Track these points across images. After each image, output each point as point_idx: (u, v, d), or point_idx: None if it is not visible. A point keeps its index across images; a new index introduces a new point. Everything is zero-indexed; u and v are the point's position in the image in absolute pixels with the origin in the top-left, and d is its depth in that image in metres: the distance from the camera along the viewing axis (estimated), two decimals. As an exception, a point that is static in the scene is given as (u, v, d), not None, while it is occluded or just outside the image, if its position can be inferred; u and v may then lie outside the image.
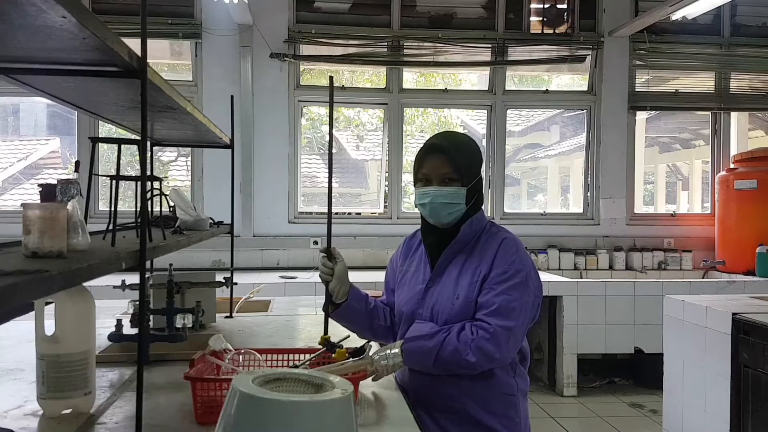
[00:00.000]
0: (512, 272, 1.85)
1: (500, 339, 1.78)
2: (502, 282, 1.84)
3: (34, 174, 6.56)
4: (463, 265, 1.92)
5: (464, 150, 1.95)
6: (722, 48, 6.58)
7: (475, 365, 1.78)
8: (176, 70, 6.29)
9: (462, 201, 1.91)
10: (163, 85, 1.60)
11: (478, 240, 1.95)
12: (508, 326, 1.79)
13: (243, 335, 2.74)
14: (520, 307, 1.83)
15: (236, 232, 3.58)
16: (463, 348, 1.78)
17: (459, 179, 1.91)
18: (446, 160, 1.91)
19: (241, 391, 1.05)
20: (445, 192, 1.90)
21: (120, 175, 1.60)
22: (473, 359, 1.77)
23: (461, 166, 1.91)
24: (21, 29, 1.10)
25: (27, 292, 0.89)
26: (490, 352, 1.77)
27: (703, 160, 7.25)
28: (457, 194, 1.90)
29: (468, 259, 1.93)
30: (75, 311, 1.66)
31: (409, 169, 6.44)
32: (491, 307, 1.81)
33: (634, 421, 4.71)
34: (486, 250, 1.91)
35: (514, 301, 1.82)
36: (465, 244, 1.95)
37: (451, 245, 1.95)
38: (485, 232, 1.97)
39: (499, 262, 1.86)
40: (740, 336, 3.12)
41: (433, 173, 1.92)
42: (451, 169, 1.90)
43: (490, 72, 6.39)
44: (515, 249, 1.90)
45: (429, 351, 1.81)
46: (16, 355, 2.33)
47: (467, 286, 1.88)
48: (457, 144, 1.96)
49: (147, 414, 1.52)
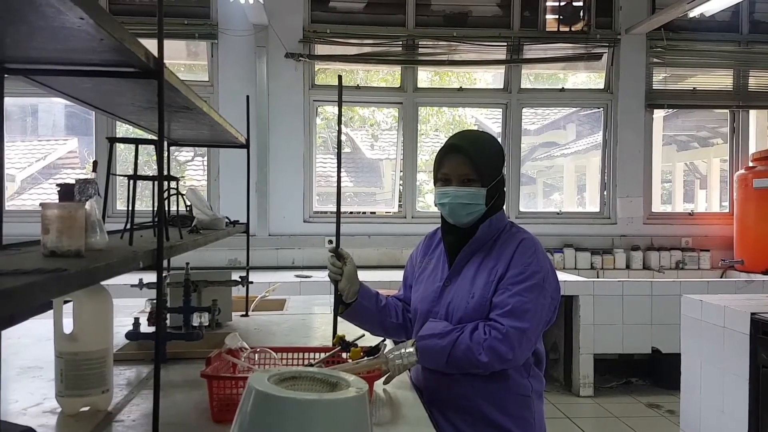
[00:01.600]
0: (529, 273, 1.83)
1: (513, 340, 1.76)
2: (518, 283, 1.82)
3: (53, 174, 6.63)
4: (480, 265, 1.91)
5: (484, 150, 1.93)
6: (740, 45, 6.51)
7: (487, 365, 1.77)
8: (192, 71, 6.33)
9: (481, 201, 1.90)
10: (179, 85, 1.61)
11: (497, 240, 1.94)
12: (522, 328, 1.77)
13: (259, 334, 2.75)
14: (535, 308, 1.81)
15: (252, 231, 3.60)
16: (476, 347, 1.77)
17: (479, 180, 1.89)
18: (466, 161, 1.89)
19: (256, 389, 1.05)
20: (465, 193, 1.89)
21: (137, 175, 1.61)
22: (485, 359, 1.76)
23: (481, 166, 1.89)
24: (40, 31, 1.11)
25: (46, 291, 0.90)
26: (502, 353, 1.75)
27: (722, 158, 7.18)
28: (477, 195, 1.89)
29: (485, 258, 1.91)
30: (93, 310, 1.67)
31: (424, 168, 6.44)
32: (505, 308, 1.79)
33: (651, 421, 4.67)
34: (504, 250, 1.89)
35: (529, 302, 1.80)
36: (483, 243, 1.94)
37: (469, 244, 1.93)
38: (504, 232, 1.96)
39: (515, 263, 1.85)
40: (759, 336, 3.09)
41: (453, 173, 1.91)
42: (471, 170, 1.89)
43: (505, 70, 6.36)
44: (533, 250, 1.88)
45: (442, 349, 1.80)
46: (35, 353, 2.36)
47: (483, 285, 1.87)
48: (478, 144, 1.94)
49: (164, 412, 1.54)
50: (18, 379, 2.04)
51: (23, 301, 0.83)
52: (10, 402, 1.81)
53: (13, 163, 6.50)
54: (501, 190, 1.96)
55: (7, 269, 0.94)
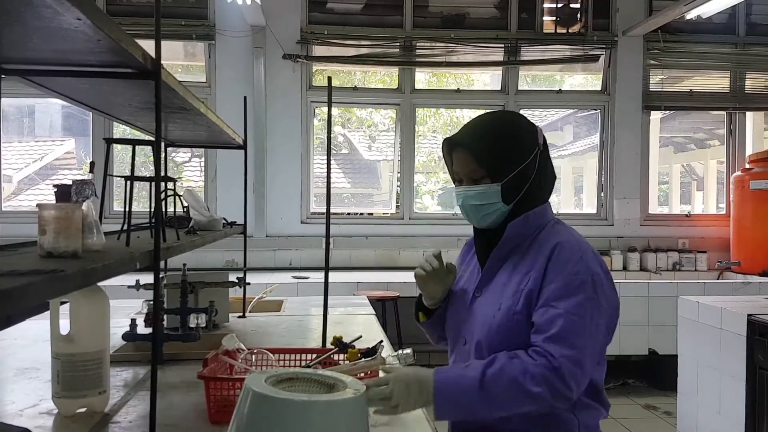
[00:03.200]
0: (577, 284, 1.47)
1: (566, 373, 1.39)
2: (564, 297, 1.46)
3: (50, 175, 6.62)
4: (513, 270, 1.58)
5: (490, 140, 1.60)
6: (737, 47, 6.52)
7: (542, 399, 1.39)
8: (190, 72, 6.33)
9: (497, 199, 1.59)
10: (177, 86, 1.61)
11: (535, 241, 1.60)
12: (576, 358, 1.41)
13: (256, 335, 2.75)
14: (589, 329, 1.45)
15: (249, 232, 3.60)
16: (522, 377, 1.40)
17: (488, 175, 1.59)
18: (469, 156, 1.60)
19: (254, 390, 1.05)
20: (474, 192, 1.60)
21: (134, 176, 1.61)
22: (537, 389, 1.39)
23: (487, 159, 1.58)
24: (37, 32, 1.11)
25: (42, 292, 0.90)
26: (558, 387, 1.39)
27: (718, 160, 7.19)
28: (488, 193, 1.59)
29: (520, 262, 1.58)
30: (90, 311, 1.67)
31: (422, 170, 6.45)
32: (550, 331, 1.43)
33: (648, 423, 4.67)
34: (539, 253, 1.55)
35: (581, 322, 1.44)
36: (515, 245, 1.61)
37: (498, 247, 1.61)
38: (544, 231, 1.62)
39: (558, 271, 1.49)
40: (755, 338, 3.09)
41: (461, 171, 1.63)
42: (476, 165, 1.59)
43: (502, 72, 6.37)
44: (579, 254, 1.52)
45: (469, 388, 1.42)
46: (31, 354, 2.35)
47: (511, 294, 1.53)
48: (481, 134, 1.62)
49: (161, 413, 1.53)
50: (15, 380, 2.04)
51: (20, 302, 0.82)
52: (6, 403, 1.81)
53: (10, 163, 6.50)
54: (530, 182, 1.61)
55: (4, 270, 0.94)
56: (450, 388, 1.43)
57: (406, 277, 5.40)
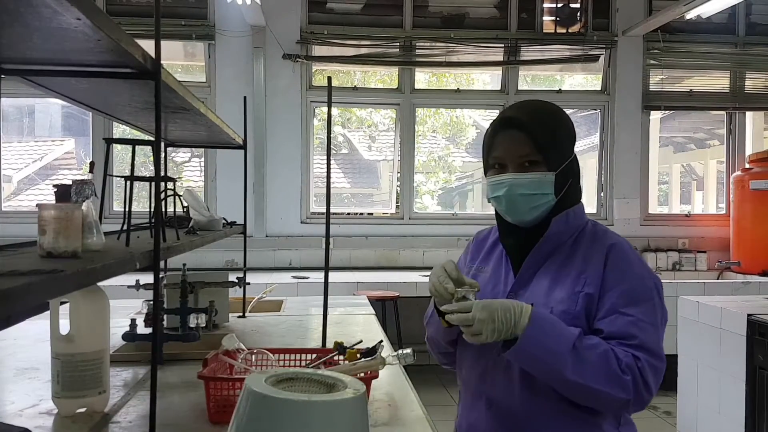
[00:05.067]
0: (645, 289, 1.41)
1: (649, 377, 1.34)
2: (634, 303, 1.38)
3: (49, 175, 6.62)
4: (558, 271, 1.46)
5: (549, 122, 1.48)
6: (737, 47, 6.52)
7: (627, 388, 1.32)
8: (190, 72, 6.33)
9: (549, 190, 1.45)
10: (176, 86, 1.61)
11: (578, 241, 1.49)
12: (658, 367, 1.36)
13: (256, 335, 2.75)
14: (661, 337, 1.39)
15: (249, 232, 3.60)
16: (615, 361, 1.32)
17: (544, 162, 1.45)
18: (525, 138, 1.45)
19: (254, 390, 1.05)
20: (526, 180, 1.44)
21: (134, 176, 1.61)
22: (626, 377, 1.32)
23: (546, 143, 1.45)
24: (36, 31, 1.11)
25: (42, 292, 0.90)
26: (640, 387, 1.33)
27: (718, 160, 7.19)
28: (542, 182, 1.44)
29: (566, 262, 1.47)
30: (89, 311, 1.67)
31: (422, 170, 6.44)
32: (628, 338, 1.35)
33: (648, 422, 4.67)
34: (590, 255, 1.45)
35: (654, 329, 1.38)
36: (559, 244, 1.49)
37: (540, 245, 1.48)
38: (586, 232, 1.51)
39: (617, 275, 1.41)
40: (755, 337, 3.09)
41: (509, 156, 1.46)
42: (533, 149, 1.44)
43: (502, 72, 6.37)
44: (637, 258, 1.46)
45: (563, 338, 1.33)
46: (31, 354, 2.35)
47: (566, 297, 1.42)
48: (540, 115, 1.49)
49: (161, 413, 1.53)
50: (14, 381, 2.04)
51: (20, 302, 0.82)
52: (6, 403, 1.81)
53: (10, 163, 6.50)
54: (575, 176, 1.51)
55: (4, 270, 0.94)
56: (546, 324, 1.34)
57: (406, 277, 5.40)
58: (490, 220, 1.65)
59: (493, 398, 1.47)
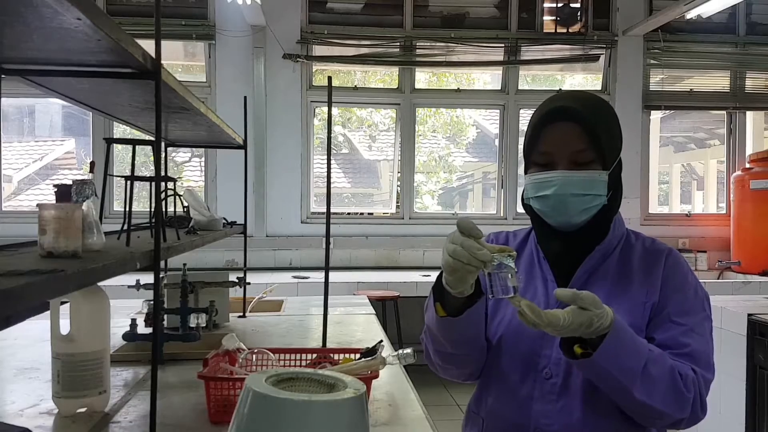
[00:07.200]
0: (699, 300, 1.33)
1: (704, 392, 1.27)
2: (687, 313, 1.30)
3: (50, 174, 6.62)
4: (615, 281, 1.34)
5: (605, 115, 1.33)
6: (737, 47, 6.52)
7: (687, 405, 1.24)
8: (190, 72, 6.33)
9: (603, 191, 1.30)
10: (177, 86, 1.61)
11: (626, 249, 1.38)
12: (710, 380, 1.29)
13: (256, 335, 2.75)
14: (711, 348, 1.31)
15: (249, 232, 3.60)
16: (679, 378, 1.23)
17: (598, 159, 1.29)
18: (581, 131, 1.28)
19: (254, 390, 1.05)
20: (578, 179, 1.28)
21: (134, 176, 1.61)
22: (689, 394, 1.23)
23: (603, 138, 1.29)
24: (37, 31, 1.11)
25: (42, 292, 0.90)
26: (697, 404, 1.26)
27: (719, 159, 7.19)
28: (596, 182, 1.29)
29: (622, 271, 1.35)
30: (90, 311, 1.67)
31: (422, 169, 6.44)
32: (684, 349, 1.26)
33: (648, 422, 4.67)
34: (648, 263, 1.35)
35: (707, 341, 1.30)
36: (610, 253, 1.37)
37: (593, 254, 1.34)
38: (632, 240, 1.40)
39: (674, 284, 1.32)
40: (756, 337, 3.09)
41: (560, 151, 1.30)
42: (588, 144, 1.28)
43: (503, 72, 6.37)
44: (687, 269, 1.36)
45: (638, 353, 1.20)
46: (31, 354, 2.35)
47: (630, 309, 1.29)
48: (596, 106, 1.33)
49: (161, 413, 1.53)
50: (15, 380, 2.04)
51: (20, 302, 0.82)
52: (6, 403, 1.81)
53: (10, 163, 6.50)
54: (620, 179, 1.38)
55: (4, 270, 0.94)
56: (625, 336, 1.19)
57: (406, 277, 5.41)
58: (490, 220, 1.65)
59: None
